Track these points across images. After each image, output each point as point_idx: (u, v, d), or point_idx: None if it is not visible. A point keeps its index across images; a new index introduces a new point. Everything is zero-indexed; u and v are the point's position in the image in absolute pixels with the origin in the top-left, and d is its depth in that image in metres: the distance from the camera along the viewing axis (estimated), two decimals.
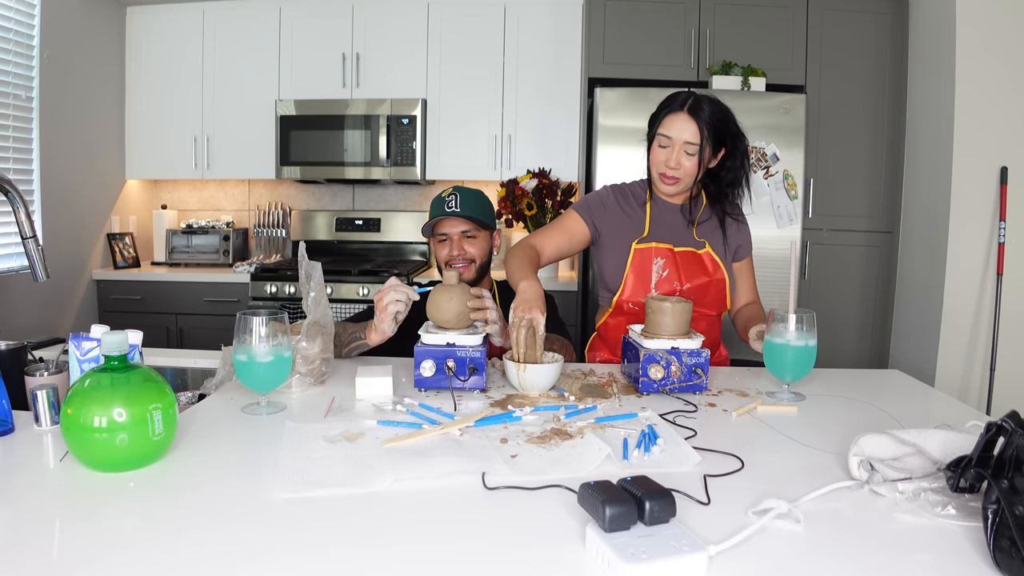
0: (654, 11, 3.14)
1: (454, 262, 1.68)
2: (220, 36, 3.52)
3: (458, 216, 1.66)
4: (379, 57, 3.45)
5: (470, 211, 1.67)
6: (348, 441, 1.01)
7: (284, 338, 1.14)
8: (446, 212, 1.66)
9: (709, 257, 1.63)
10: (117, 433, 0.85)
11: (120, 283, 3.40)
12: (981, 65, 2.77)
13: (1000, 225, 2.77)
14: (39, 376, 1.15)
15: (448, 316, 1.30)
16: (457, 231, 1.69)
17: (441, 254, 1.71)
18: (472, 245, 1.70)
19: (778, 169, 3.01)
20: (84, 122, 3.31)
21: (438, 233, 1.71)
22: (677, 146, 1.54)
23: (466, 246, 1.69)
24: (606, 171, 2.98)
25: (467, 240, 1.70)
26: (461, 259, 1.69)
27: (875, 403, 1.26)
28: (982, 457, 0.75)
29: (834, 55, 3.15)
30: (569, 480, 0.86)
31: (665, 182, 1.59)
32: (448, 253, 1.69)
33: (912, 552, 0.72)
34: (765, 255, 2.88)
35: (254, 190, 3.91)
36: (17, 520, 0.76)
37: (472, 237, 1.70)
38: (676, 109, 1.55)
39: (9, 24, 2.80)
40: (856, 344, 3.29)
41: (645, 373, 1.28)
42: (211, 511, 0.79)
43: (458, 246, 1.69)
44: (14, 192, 1.22)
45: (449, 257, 1.69)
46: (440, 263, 1.73)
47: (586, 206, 1.68)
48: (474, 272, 1.71)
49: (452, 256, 1.68)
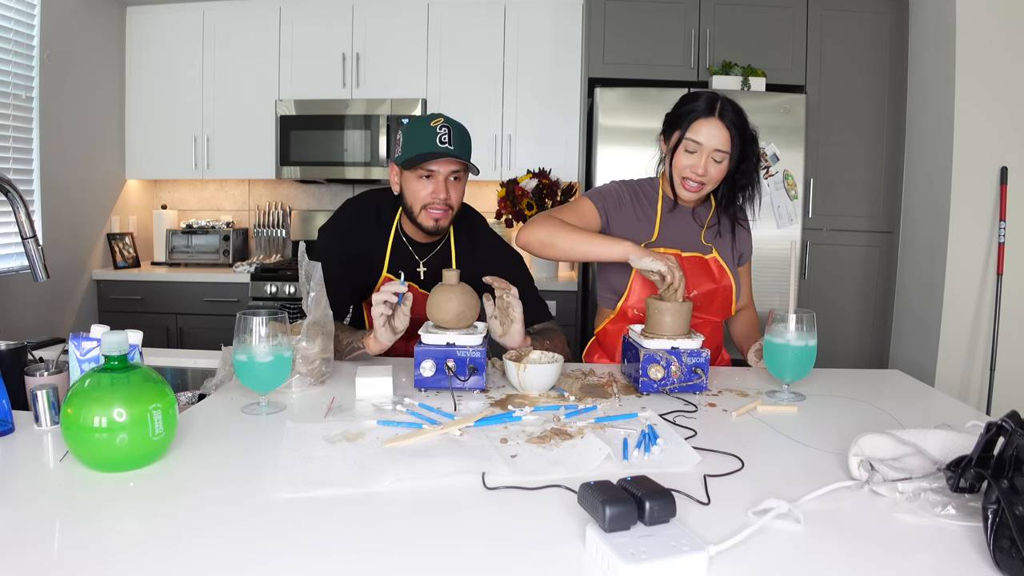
0: (654, 11, 3.14)
1: (434, 208, 1.50)
2: (220, 36, 3.52)
3: (452, 156, 1.46)
4: (379, 57, 3.45)
5: (463, 151, 1.49)
6: (348, 441, 1.01)
7: (284, 338, 1.14)
8: (439, 149, 1.45)
9: (716, 263, 1.60)
10: (117, 433, 0.85)
11: (120, 283, 3.40)
12: (981, 65, 2.77)
13: (1000, 225, 2.77)
14: (39, 376, 1.15)
15: (448, 316, 1.30)
16: (447, 171, 1.49)
17: (420, 194, 1.50)
18: (455, 189, 1.52)
19: (778, 169, 3.01)
20: (84, 122, 3.31)
21: (424, 168, 1.48)
22: (706, 153, 1.49)
23: (451, 190, 1.51)
24: (606, 171, 2.98)
25: (453, 183, 1.51)
26: (442, 205, 1.50)
27: (875, 403, 1.26)
28: (982, 457, 0.75)
29: (834, 55, 3.15)
30: (569, 480, 0.86)
31: (688, 188, 1.54)
32: (432, 194, 1.49)
33: (912, 552, 0.72)
34: (765, 255, 2.88)
35: (254, 190, 3.91)
36: (17, 520, 0.75)
37: (458, 180, 1.53)
38: (706, 114, 1.48)
39: (9, 24, 2.80)
40: (856, 344, 3.29)
41: (645, 373, 1.28)
42: (211, 511, 0.79)
43: (442, 187, 1.49)
44: (14, 192, 1.22)
45: (432, 199, 1.50)
46: (415, 203, 1.52)
47: (600, 198, 1.61)
48: (448, 221, 1.54)
49: (435, 199, 1.49)
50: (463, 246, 1.66)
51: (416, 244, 1.63)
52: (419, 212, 1.53)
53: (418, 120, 1.50)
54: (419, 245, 1.63)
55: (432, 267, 1.63)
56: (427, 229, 1.54)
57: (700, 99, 1.51)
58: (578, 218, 1.57)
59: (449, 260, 1.64)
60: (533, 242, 1.52)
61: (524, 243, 1.54)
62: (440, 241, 1.65)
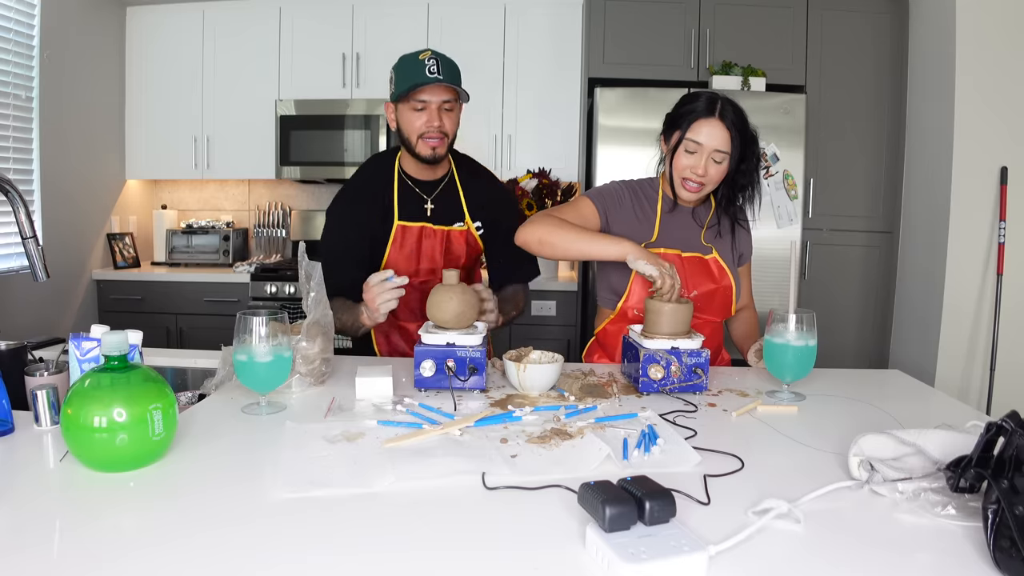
0: (654, 11, 3.14)
1: (430, 136, 1.56)
2: (220, 36, 3.52)
3: (441, 84, 1.52)
4: (379, 57, 3.45)
5: (453, 79, 1.54)
6: (348, 441, 1.01)
7: (284, 338, 1.14)
8: (428, 78, 1.50)
9: (716, 263, 1.60)
10: (117, 433, 0.85)
11: (120, 283, 3.40)
12: (981, 65, 2.77)
13: (1000, 225, 2.77)
14: (39, 376, 1.15)
15: (448, 316, 1.30)
16: (438, 100, 1.54)
17: (415, 124, 1.56)
18: (449, 119, 1.58)
19: (778, 169, 3.02)
20: (84, 122, 3.31)
21: (414, 99, 1.54)
22: (706, 153, 1.49)
23: (444, 118, 1.56)
24: (606, 171, 2.98)
25: (446, 113, 1.57)
26: (437, 133, 1.56)
27: (875, 403, 1.26)
28: (982, 457, 0.75)
29: (834, 55, 3.15)
30: (569, 480, 0.86)
31: (688, 189, 1.54)
32: (426, 123, 1.55)
33: (912, 552, 0.72)
34: (765, 255, 2.87)
35: (254, 190, 3.91)
36: (17, 520, 0.75)
37: (450, 109, 1.58)
38: (706, 114, 1.48)
39: (9, 24, 2.80)
40: (856, 344, 3.29)
41: (645, 373, 1.28)
42: (211, 511, 0.79)
43: (435, 116, 1.55)
44: (14, 192, 1.22)
45: (426, 128, 1.56)
46: (411, 134, 1.58)
47: (600, 198, 1.61)
48: (445, 148, 1.60)
49: (430, 127, 1.55)
50: (466, 178, 1.73)
51: (421, 183, 1.69)
52: (416, 143, 1.58)
53: (406, 56, 1.56)
54: (423, 184, 1.69)
55: (439, 204, 1.69)
56: (425, 158, 1.60)
57: (700, 99, 1.51)
58: (578, 217, 1.57)
59: (456, 195, 1.71)
60: (532, 241, 1.52)
61: (523, 242, 1.54)
62: (444, 178, 1.71)
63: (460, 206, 1.71)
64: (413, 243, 1.67)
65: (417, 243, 1.67)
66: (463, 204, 1.71)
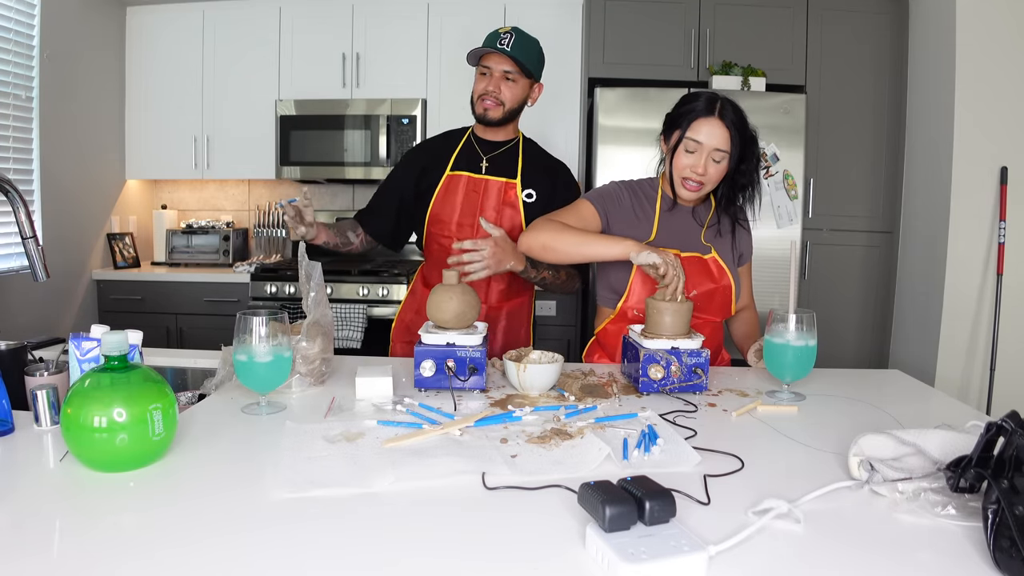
0: (654, 11, 3.14)
1: (486, 99, 1.71)
2: (220, 36, 3.52)
3: (506, 55, 1.67)
4: (379, 57, 3.45)
5: (519, 53, 1.67)
6: (348, 441, 1.01)
7: (284, 338, 1.14)
8: (496, 47, 1.67)
9: (715, 262, 1.60)
10: (117, 433, 0.85)
11: (120, 283, 3.40)
12: (981, 65, 2.77)
13: (1000, 225, 2.77)
14: (39, 376, 1.15)
15: (448, 316, 1.30)
16: (500, 68, 1.70)
17: (478, 87, 1.74)
18: (508, 88, 1.72)
19: (778, 169, 3.02)
20: (84, 122, 3.31)
21: (481, 64, 1.72)
22: (705, 152, 1.49)
23: (503, 86, 1.71)
24: (606, 171, 2.98)
25: (506, 82, 1.71)
26: (493, 98, 1.71)
27: (875, 403, 1.26)
28: (982, 457, 0.75)
29: (834, 55, 3.15)
30: (569, 480, 0.86)
31: (688, 188, 1.54)
32: (484, 87, 1.72)
33: (912, 552, 0.72)
34: (765, 255, 2.87)
35: (254, 190, 3.91)
36: (17, 520, 0.75)
37: (512, 80, 1.71)
38: (706, 114, 1.49)
39: (9, 24, 2.80)
40: (856, 344, 3.29)
41: (645, 373, 1.28)
42: (211, 511, 0.79)
43: (495, 83, 1.70)
44: (14, 192, 1.22)
45: (484, 91, 1.72)
46: (474, 95, 1.75)
47: (600, 199, 1.62)
48: (500, 114, 1.73)
49: (486, 91, 1.71)
50: (530, 149, 1.84)
51: (483, 143, 1.82)
52: (476, 103, 1.75)
53: (494, 31, 1.73)
54: (486, 143, 1.82)
55: (494, 163, 1.81)
56: (479, 117, 1.76)
57: (700, 99, 1.51)
58: (578, 220, 1.56)
59: (515, 159, 1.81)
60: (535, 246, 1.51)
61: (526, 248, 1.53)
62: (507, 143, 1.82)
63: (515, 167, 1.80)
64: (457, 193, 1.78)
65: (461, 194, 1.77)
66: (519, 167, 1.80)
